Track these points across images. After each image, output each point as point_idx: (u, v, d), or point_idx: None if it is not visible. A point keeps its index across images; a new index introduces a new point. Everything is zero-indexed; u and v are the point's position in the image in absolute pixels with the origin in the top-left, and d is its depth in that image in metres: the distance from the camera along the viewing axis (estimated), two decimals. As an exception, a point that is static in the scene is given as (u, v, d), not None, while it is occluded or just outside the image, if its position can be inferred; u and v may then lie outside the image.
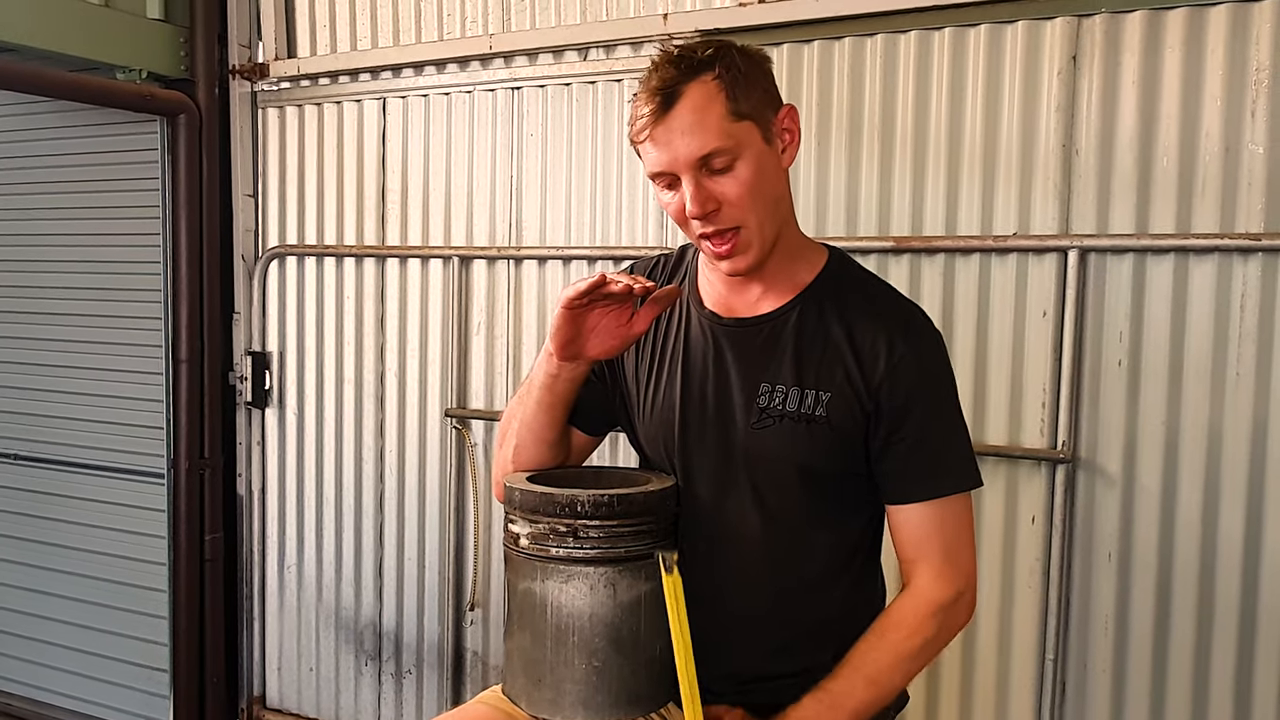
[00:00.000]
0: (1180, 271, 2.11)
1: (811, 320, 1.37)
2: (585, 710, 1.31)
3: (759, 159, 1.30)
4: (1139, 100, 2.13)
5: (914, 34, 2.31)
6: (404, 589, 3.06)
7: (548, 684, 1.32)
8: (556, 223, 2.77)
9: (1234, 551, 2.09)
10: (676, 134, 1.26)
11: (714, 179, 1.28)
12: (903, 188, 2.34)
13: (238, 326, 3.25)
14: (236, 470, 3.30)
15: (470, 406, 2.92)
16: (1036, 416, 2.24)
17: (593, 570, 1.29)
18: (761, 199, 1.30)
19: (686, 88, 1.26)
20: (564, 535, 1.29)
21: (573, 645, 1.30)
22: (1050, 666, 2.24)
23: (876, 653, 1.35)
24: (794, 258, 1.40)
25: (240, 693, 3.36)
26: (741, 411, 1.37)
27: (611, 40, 2.64)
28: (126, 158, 3.22)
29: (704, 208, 1.28)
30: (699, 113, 1.26)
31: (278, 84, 3.18)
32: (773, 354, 1.37)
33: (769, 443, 1.35)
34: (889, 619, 1.38)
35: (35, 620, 3.54)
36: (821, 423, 1.33)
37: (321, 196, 3.13)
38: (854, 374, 1.33)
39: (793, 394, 1.35)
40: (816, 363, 1.35)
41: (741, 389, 1.38)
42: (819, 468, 1.36)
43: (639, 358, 1.48)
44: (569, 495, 1.30)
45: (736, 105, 1.27)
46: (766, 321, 1.39)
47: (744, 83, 1.29)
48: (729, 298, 1.43)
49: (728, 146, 1.27)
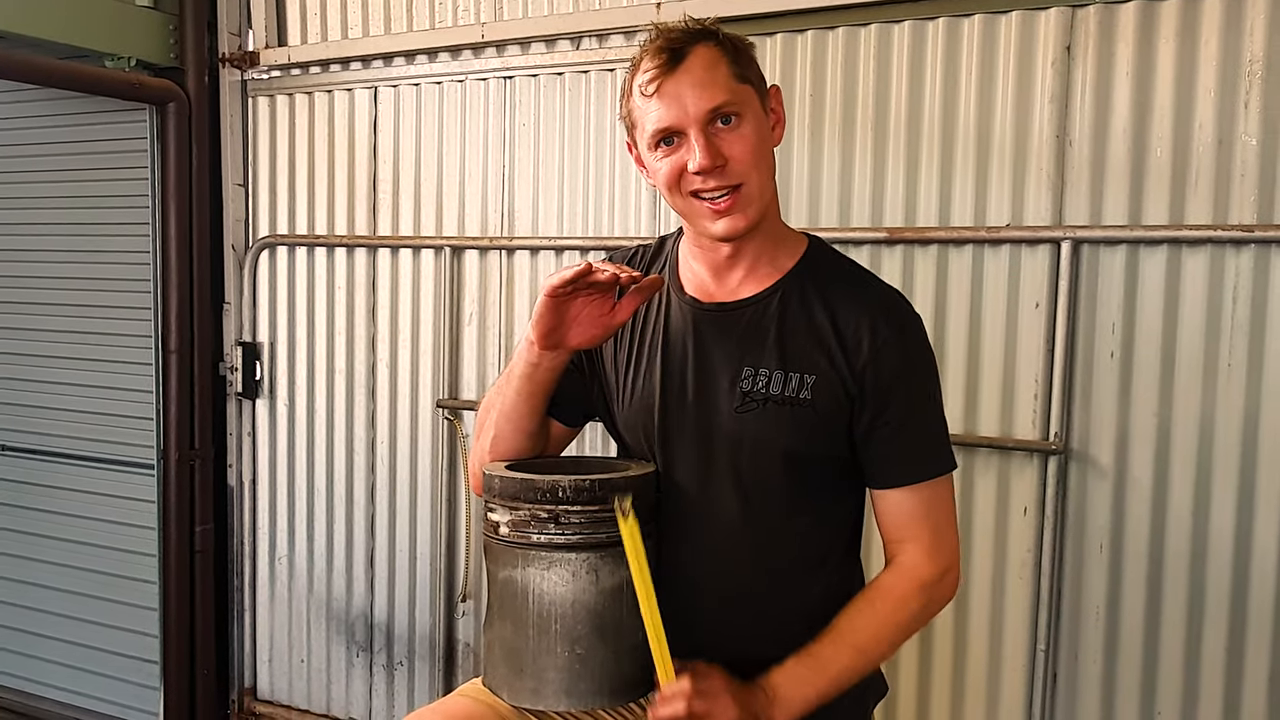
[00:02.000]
0: (1173, 263, 2.11)
1: (794, 304, 1.37)
2: (568, 698, 1.30)
3: (759, 122, 1.32)
4: (1133, 91, 2.12)
5: (908, 24, 2.30)
6: (395, 580, 3.05)
7: (529, 673, 1.31)
8: (549, 213, 2.76)
9: (1225, 543, 2.10)
10: (686, 86, 1.28)
11: (721, 134, 1.29)
12: (896, 178, 2.34)
13: (228, 317, 3.24)
14: (227, 461, 3.28)
15: (462, 397, 2.91)
16: (1029, 408, 2.24)
17: (575, 556, 1.28)
18: (763, 160, 1.32)
19: (694, 47, 1.30)
20: (545, 521, 1.28)
21: (555, 633, 1.29)
22: (1041, 657, 2.25)
23: (864, 620, 1.36)
24: (776, 243, 1.41)
25: (231, 684, 3.35)
26: (724, 396, 1.37)
27: (604, 29, 2.63)
28: (115, 146, 3.19)
29: (713, 160, 1.28)
30: (707, 68, 1.29)
31: (268, 72, 3.16)
32: (755, 337, 1.37)
33: (752, 426, 1.35)
34: (877, 590, 1.38)
35: (24, 612, 3.52)
36: (805, 406, 1.33)
37: (312, 186, 3.11)
38: (838, 357, 1.33)
39: (776, 377, 1.34)
40: (800, 346, 1.35)
41: (724, 373, 1.37)
42: (802, 451, 1.35)
43: (618, 346, 1.48)
44: (550, 481, 1.28)
45: (739, 70, 1.31)
46: (748, 305, 1.38)
47: (742, 56, 1.33)
48: (710, 283, 1.42)
49: (735, 102, 1.29)
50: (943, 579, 1.38)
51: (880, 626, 1.36)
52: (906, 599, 1.36)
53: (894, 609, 1.36)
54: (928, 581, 1.36)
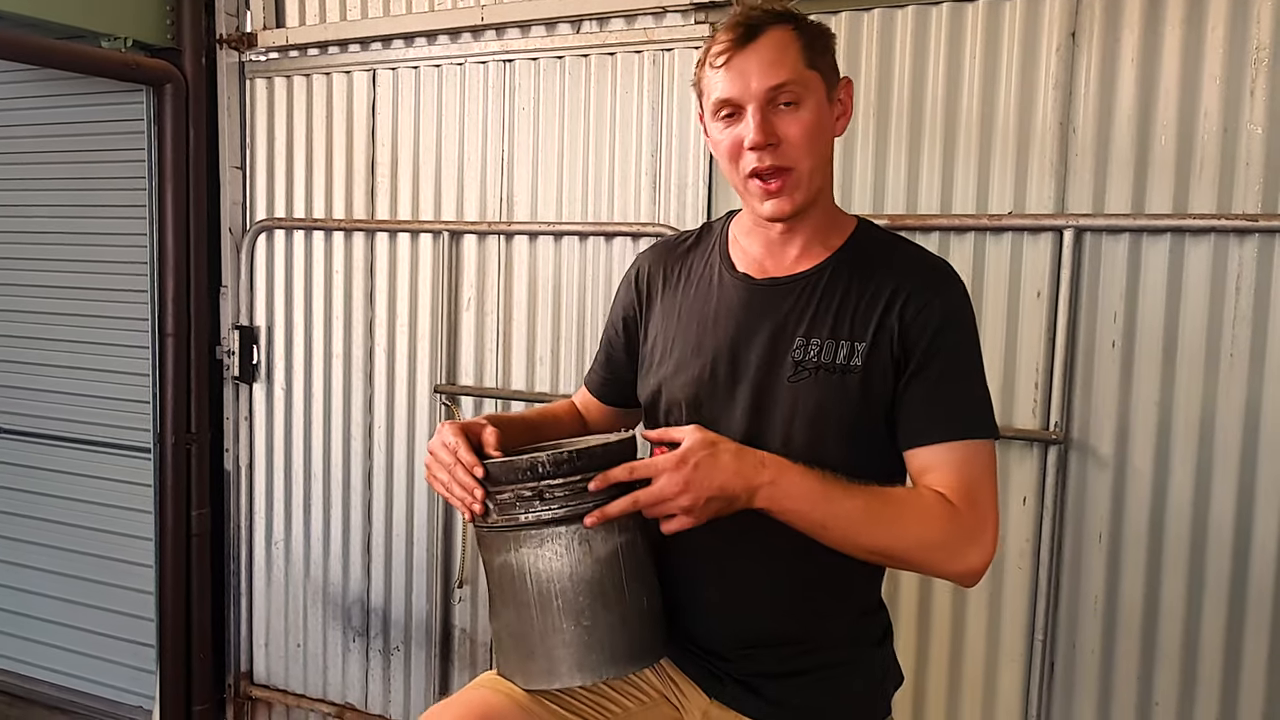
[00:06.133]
0: (1176, 252, 2.10)
1: (845, 276, 1.40)
2: (581, 672, 1.29)
3: (820, 110, 1.36)
4: (1138, 78, 2.10)
5: (911, 9, 2.28)
6: (392, 566, 3.05)
7: (540, 654, 1.30)
8: (548, 198, 2.74)
9: (1225, 533, 2.09)
10: (753, 63, 1.32)
11: (779, 115, 1.34)
12: (898, 165, 2.32)
13: (225, 300, 3.22)
14: (224, 445, 3.27)
15: (460, 382, 2.90)
16: (1029, 397, 2.23)
17: (565, 529, 1.28)
18: (818, 147, 1.36)
19: (770, 28, 1.34)
20: (530, 499, 1.28)
21: (557, 609, 1.28)
22: (1039, 646, 2.25)
23: (889, 498, 1.29)
24: (829, 222, 1.44)
25: (227, 668, 3.35)
26: (778, 366, 1.38)
27: (605, 12, 2.61)
28: (112, 128, 3.18)
29: (766, 137, 1.32)
30: (778, 50, 1.33)
31: (266, 54, 3.13)
32: (808, 309, 1.39)
33: (806, 394, 1.36)
34: (914, 491, 1.32)
35: (21, 595, 3.53)
36: (856, 372, 1.34)
37: (310, 169, 3.09)
38: (887, 320, 1.35)
39: (828, 346, 1.36)
40: (851, 314, 1.37)
41: (777, 344, 1.39)
42: (851, 419, 1.35)
43: (667, 325, 1.50)
44: (529, 459, 1.28)
45: (811, 56, 1.35)
46: (802, 279, 1.41)
47: (818, 43, 1.37)
48: (765, 260, 1.46)
49: (798, 85, 1.33)
50: (974, 537, 1.29)
51: (901, 516, 1.28)
52: (933, 513, 1.28)
53: (919, 512, 1.28)
54: (960, 524, 1.28)
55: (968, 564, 1.30)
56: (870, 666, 1.46)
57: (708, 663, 1.45)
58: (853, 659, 1.44)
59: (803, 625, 1.41)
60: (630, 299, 1.59)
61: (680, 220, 2.54)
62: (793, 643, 1.41)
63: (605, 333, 1.66)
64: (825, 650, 1.42)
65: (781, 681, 1.42)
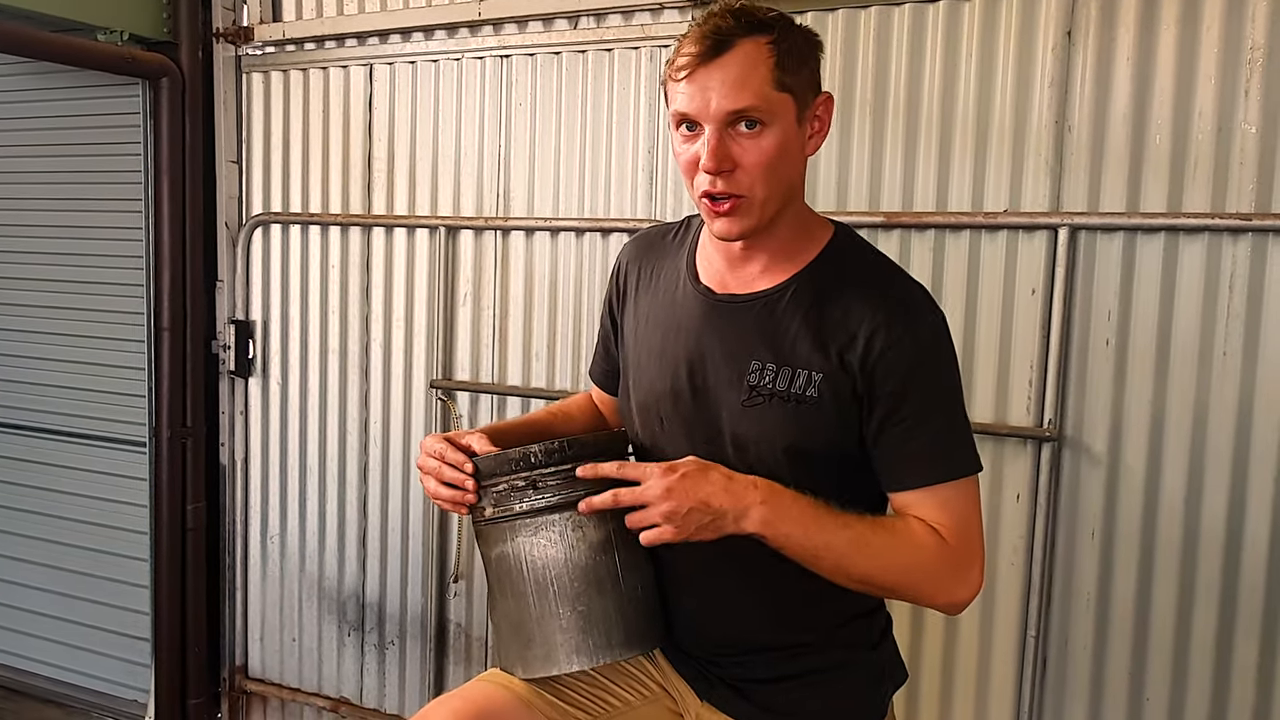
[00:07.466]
0: (1170, 251, 2.10)
1: (806, 299, 1.33)
2: (579, 656, 1.31)
3: (786, 135, 1.27)
4: (1133, 77, 2.11)
5: (909, 7, 2.29)
6: (387, 560, 3.05)
7: (538, 641, 1.32)
8: (544, 193, 2.74)
9: (1217, 531, 2.10)
10: (716, 81, 1.24)
11: (739, 139, 1.25)
12: (894, 162, 2.33)
13: (221, 294, 3.22)
14: (219, 439, 3.27)
15: (456, 378, 2.90)
16: (1023, 394, 2.24)
17: (558, 517, 1.30)
18: (775, 176, 1.28)
19: (740, 41, 1.24)
20: (524, 490, 1.31)
21: (554, 595, 1.31)
22: (1032, 643, 2.26)
23: (879, 528, 1.28)
24: (797, 236, 1.37)
25: (222, 662, 3.35)
26: (732, 389, 1.35)
27: (602, 8, 2.61)
28: (107, 121, 3.17)
29: (719, 164, 1.25)
30: (745, 69, 1.23)
31: (262, 48, 3.13)
32: (765, 332, 1.34)
33: (758, 421, 1.33)
34: (903, 520, 1.31)
35: (15, 589, 3.52)
36: (811, 403, 1.30)
37: (307, 164, 3.09)
38: (848, 355, 1.29)
39: (784, 373, 1.31)
40: (809, 342, 1.31)
41: (733, 366, 1.35)
42: (807, 448, 1.32)
43: (636, 328, 1.49)
44: (521, 450, 1.31)
45: (782, 75, 1.25)
46: (761, 298, 1.36)
47: (795, 57, 1.27)
48: (725, 274, 1.40)
49: (762, 110, 1.24)
50: (962, 571, 1.30)
51: (890, 544, 1.28)
52: (924, 546, 1.28)
53: (910, 544, 1.28)
54: (950, 558, 1.28)
55: (955, 597, 1.31)
56: (864, 668, 1.45)
57: (698, 665, 1.46)
58: (844, 662, 1.43)
59: (790, 632, 1.41)
60: (611, 292, 1.59)
61: (677, 216, 2.54)
62: (780, 649, 1.41)
63: (601, 323, 1.66)
64: (814, 655, 1.42)
65: (770, 686, 1.42)
